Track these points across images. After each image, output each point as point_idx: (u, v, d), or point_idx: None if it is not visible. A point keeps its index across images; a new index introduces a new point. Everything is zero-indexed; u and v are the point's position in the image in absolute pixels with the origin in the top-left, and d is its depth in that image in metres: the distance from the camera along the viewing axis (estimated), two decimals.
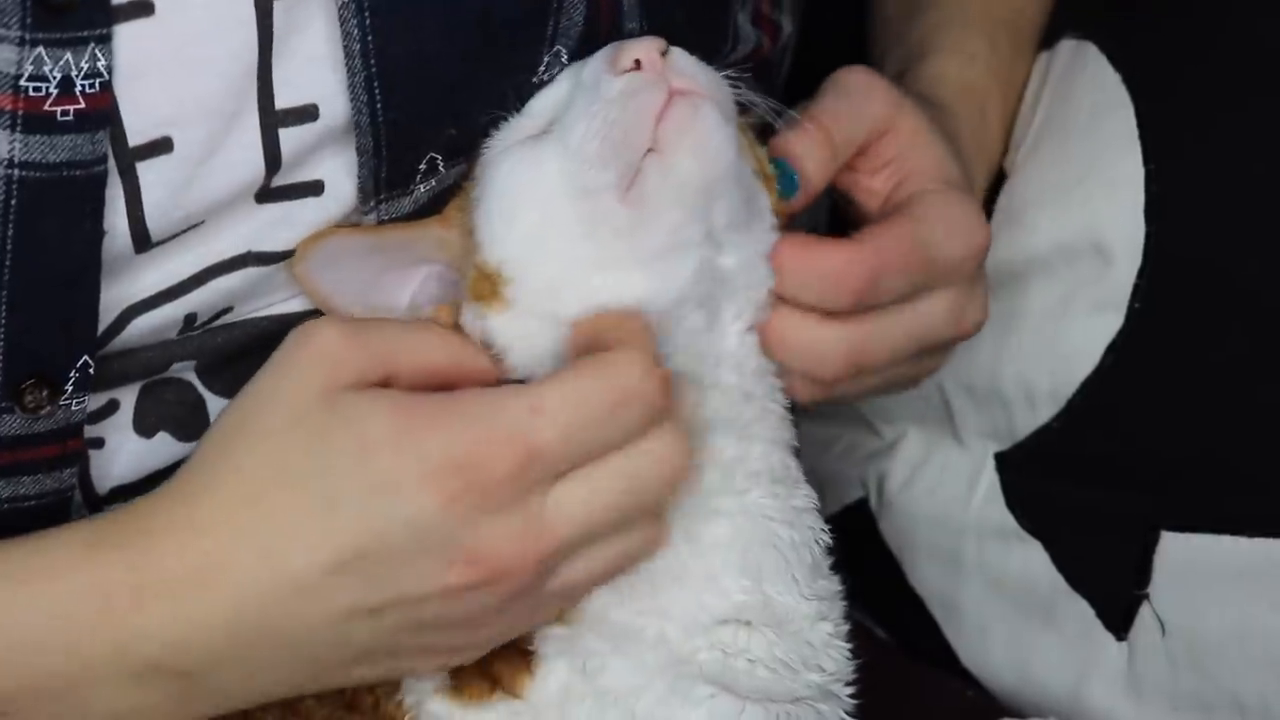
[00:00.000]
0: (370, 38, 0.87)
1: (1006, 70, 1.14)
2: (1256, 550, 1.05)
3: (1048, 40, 1.16)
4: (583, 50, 0.92)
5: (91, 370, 0.87)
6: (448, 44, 0.89)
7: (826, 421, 1.23)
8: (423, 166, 0.91)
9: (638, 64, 0.87)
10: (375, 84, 0.88)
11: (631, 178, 0.86)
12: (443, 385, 0.85)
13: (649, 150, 0.86)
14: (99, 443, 0.93)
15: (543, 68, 0.92)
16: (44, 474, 0.89)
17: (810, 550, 0.93)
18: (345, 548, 0.80)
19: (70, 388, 0.87)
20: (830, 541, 0.94)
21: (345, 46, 0.87)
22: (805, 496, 0.94)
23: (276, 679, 0.84)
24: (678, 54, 0.89)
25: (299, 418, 0.82)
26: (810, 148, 0.95)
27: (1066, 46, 1.15)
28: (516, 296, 0.88)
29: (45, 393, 0.87)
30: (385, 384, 0.83)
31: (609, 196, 0.86)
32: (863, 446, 1.23)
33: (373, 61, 0.87)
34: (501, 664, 0.89)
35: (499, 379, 0.88)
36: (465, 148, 0.92)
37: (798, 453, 0.95)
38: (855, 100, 0.98)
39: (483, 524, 0.80)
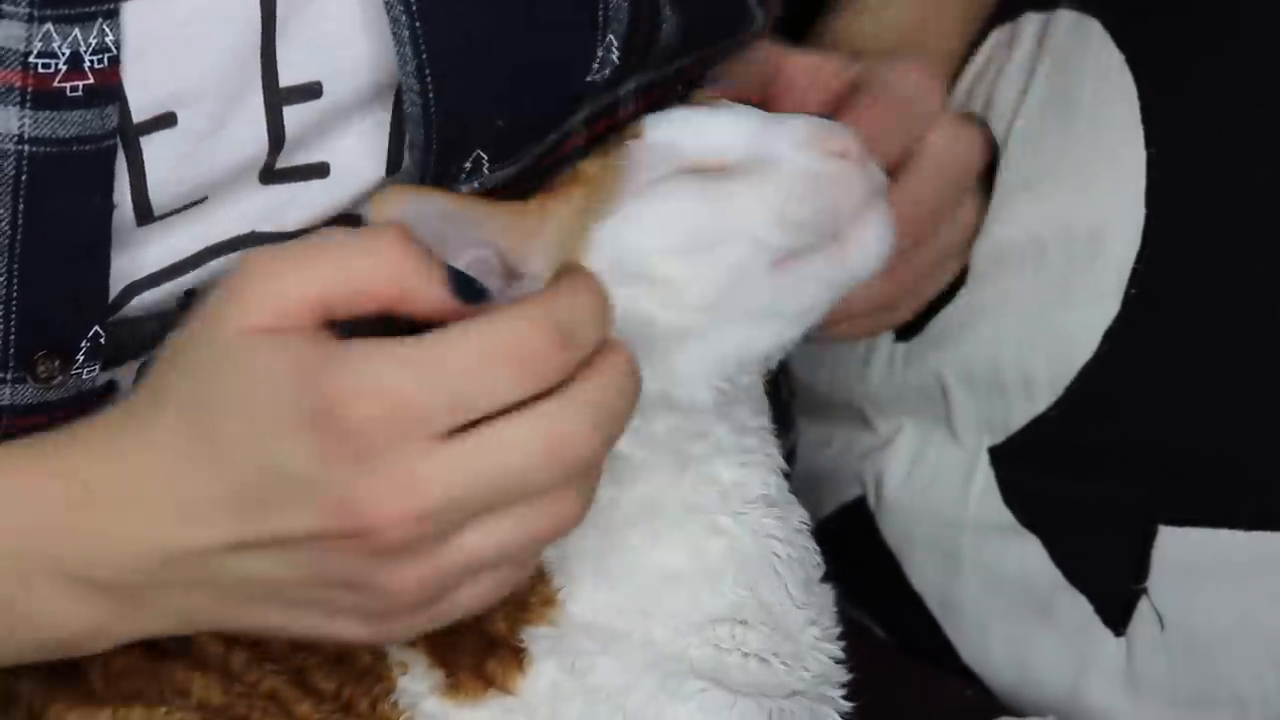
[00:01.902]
0: (419, 24, 0.87)
1: None
2: (1255, 544, 1.05)
3: (1044, 2, 1.16)
4: (632, 37, 0.92)
5: (102, 340, 0.88)
6: (494, 27, 0.88)
7: (822, 419, 1.22)
8: (468, 165, 0.91)
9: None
10: (426, 72, 0.87)
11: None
12: (390, 310, 0.81)
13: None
14: None
15: (596, 64, 0.92)
16: None
17: (804, 567, 0.94)
18: (224, 484, 0.80)
19: (81, 357, 0.88)
20: (820, 561, 0.95)
21: (394, 34, 0.87)
22: (800, 519, 0.94)
23: (206, 606, 0.84)
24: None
25: (199, 359, 0.81)
26: None
27: (1066, 18, 1.14)
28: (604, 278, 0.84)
29: (57, 363, 0.87)
30: (325, 319, 0.80)
31: (771, 256, 0.87)
32: (859, 443, 1.22)
33: (423, 47, 0.87)
34: (494, 662, 0.89)
35: (452, 305, 0.81)
36: (512, 148, 0.91)
37: (788, 476, 0.95)
38: (745, 57, 1.01)
39: (352, 474, 0.78)
